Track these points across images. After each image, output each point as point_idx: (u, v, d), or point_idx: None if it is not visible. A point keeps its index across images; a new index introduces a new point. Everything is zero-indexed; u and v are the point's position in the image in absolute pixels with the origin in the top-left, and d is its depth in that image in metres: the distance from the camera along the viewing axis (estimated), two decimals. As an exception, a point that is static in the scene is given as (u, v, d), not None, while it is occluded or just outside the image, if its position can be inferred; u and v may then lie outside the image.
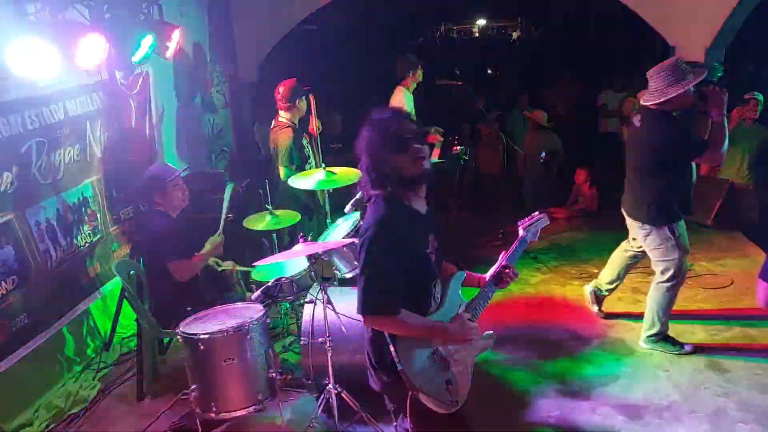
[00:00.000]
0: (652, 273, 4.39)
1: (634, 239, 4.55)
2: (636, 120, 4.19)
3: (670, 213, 4.13)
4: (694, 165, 4.29)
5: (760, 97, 6.34)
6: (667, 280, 4.24)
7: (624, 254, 4.73)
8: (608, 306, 5.02)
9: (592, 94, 9.38)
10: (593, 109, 9.25)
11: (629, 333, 4.64)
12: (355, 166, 4.40)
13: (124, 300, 4.41)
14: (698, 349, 4.37)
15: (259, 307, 3.66)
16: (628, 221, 4.41)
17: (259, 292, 3.81)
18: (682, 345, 4.37)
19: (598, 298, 4.97)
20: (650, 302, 4.39)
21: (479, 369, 2.95)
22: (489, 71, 15.39)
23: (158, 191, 4.14)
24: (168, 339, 4.51)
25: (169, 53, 4.81)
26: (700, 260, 5.91)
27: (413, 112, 6.18)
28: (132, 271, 4.31)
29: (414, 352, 2.31)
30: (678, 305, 4.61)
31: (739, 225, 6.67)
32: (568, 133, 8.42)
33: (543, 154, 7.93)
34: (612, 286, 4.89)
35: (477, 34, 28.30)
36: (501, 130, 8.39)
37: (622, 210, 4.44)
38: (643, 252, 4.48)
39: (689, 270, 4.69)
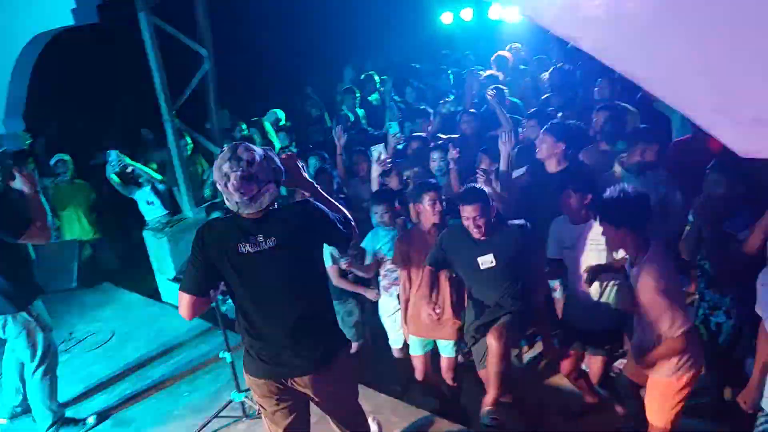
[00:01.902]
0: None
1: None
2: None
3: (21, 296, 3.86)
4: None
5: (66, 156, 6.55)
6: (39, 364, 3.96)
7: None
8: None
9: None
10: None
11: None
12: None
13: None
14: (102, 413, 4.31)
15: None
16: None
17: None
18: (84, 420, 4.20)
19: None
20: (31, 395, 4.04)
21: None
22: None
23: None
24: None
25: None
26: (78, 324, 5.83)
27: None
28: None
29: None
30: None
31: (103, 276, 6.87)
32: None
33: None
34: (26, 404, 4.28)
35: None
36: None
37: None
38: None
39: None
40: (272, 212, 2.61)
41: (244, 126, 7.20)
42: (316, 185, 2.90)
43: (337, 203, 2.88)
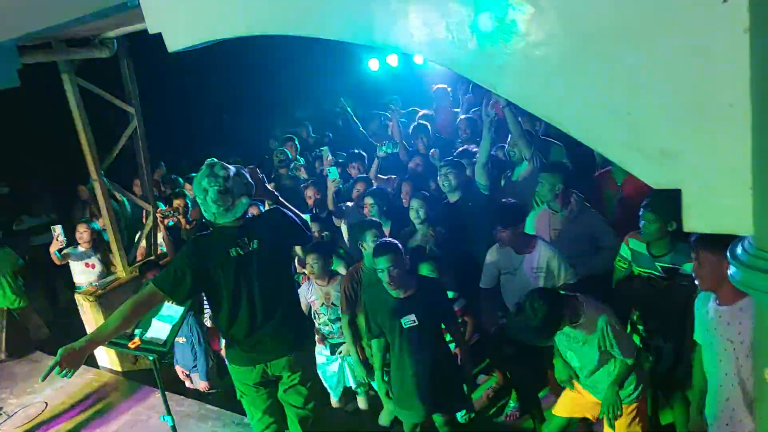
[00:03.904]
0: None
1: None
2: None
3: None
4: None
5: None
6: None
7: None
8: None
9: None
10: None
11: None
12: None
13: None
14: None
15: None
16: None
17: None
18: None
19: None
20: None
21: None
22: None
23: None
24: None
25: None
26: (8, 399, 5.49)
27: None
28: None
29: None
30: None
31: (32, 345, 6.54)
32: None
33: None
34: None
35: None
36: None
37: None
38: None
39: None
40: (248, 220, 3.13)
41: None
42: (277, 195, 3.38)
43: (295, 210, 3.37)
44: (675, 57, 1.47)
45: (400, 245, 3.44)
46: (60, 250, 5.94)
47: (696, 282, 2.65)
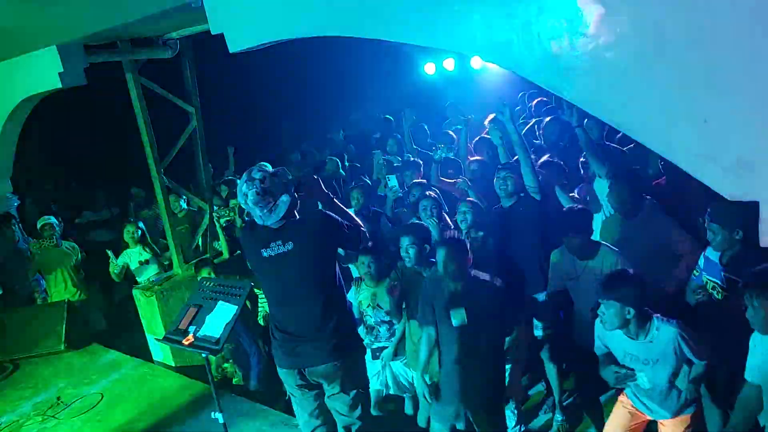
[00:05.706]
0: None
1: None
2: None
3: None
4: None
5: (52, 219, 6.51)
6: None
7: None
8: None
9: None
10: None
11: None
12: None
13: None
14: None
15: None
16: None
17: None
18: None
19: None
20: None
21: None
22: None
23: None
24: None
25: None
26: (66, 389, 5.67)
27: None
28: None
29: None
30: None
31: (90, 337, 6.74)
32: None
33: None
34: None
35: None
36: None
37: None
38: None
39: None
40: (290, 221, 3.07)
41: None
42: (332, 196, 3.40)
43: (350, 212, 3.40)
44: (757, 61, 1.38)
45: (466, 243, 3.36)
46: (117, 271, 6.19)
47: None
